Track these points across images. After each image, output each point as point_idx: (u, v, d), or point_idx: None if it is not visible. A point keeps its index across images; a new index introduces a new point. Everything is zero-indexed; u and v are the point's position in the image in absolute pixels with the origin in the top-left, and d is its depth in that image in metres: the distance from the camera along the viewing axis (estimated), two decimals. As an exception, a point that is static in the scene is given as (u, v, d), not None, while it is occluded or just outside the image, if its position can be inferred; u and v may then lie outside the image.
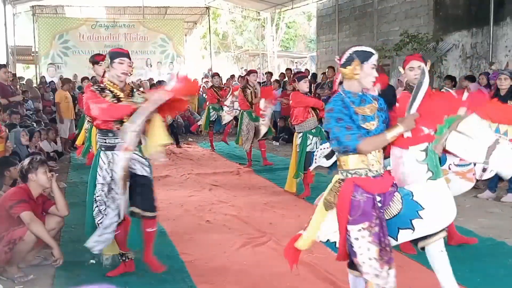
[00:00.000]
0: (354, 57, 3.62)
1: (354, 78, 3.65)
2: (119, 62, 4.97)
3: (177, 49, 26.54)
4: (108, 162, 4.99)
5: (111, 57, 4.99)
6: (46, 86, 18.83)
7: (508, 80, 8.05)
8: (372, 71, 3.65)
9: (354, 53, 3.65)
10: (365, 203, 3.55)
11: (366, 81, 3.66)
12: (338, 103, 3.63)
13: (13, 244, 5.04)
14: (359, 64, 3.61)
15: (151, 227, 5.22)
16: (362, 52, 3.66)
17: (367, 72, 3.63)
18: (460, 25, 15.27)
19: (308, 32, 39.51)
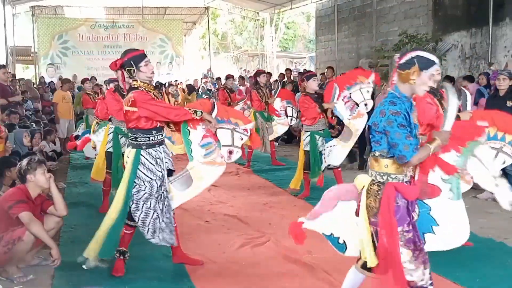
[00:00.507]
0: (414, 62, 3.54)
1: (408, 83, 3.57)
2: (145, 65, 5.00)
3: (176, 50, 26.57)
4: (155, 160, 5.05)
5: (135, 62, 4.97)
6: (45, 86, 18.83)
7: (507, 80, 8.05)
8: (429, 81, 3.56)
9: (416, 57, 3.57)
10: (403, 208, 3.57)
11: (420, 89, 3.57)
12: (403, 108, 3.54)
13: (12, 244, 5.04)
14: (418, 70, 3.53)
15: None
16: (425, 59, 3.57)
17: (423, 81, 3.54)
18: (459, 26, 15.27)
19: (307, 33, 39.51)
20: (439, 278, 4.99)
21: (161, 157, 5.10)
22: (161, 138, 5.14)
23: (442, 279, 4.97)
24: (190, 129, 5.21)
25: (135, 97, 4.91)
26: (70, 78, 20.97)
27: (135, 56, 5.01)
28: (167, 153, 5.24)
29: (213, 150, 5.23)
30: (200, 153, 5.22)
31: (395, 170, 3.58)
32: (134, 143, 5.07)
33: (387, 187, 3.57)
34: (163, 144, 5.19)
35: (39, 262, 5.52)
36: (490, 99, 8.67)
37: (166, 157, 5.18)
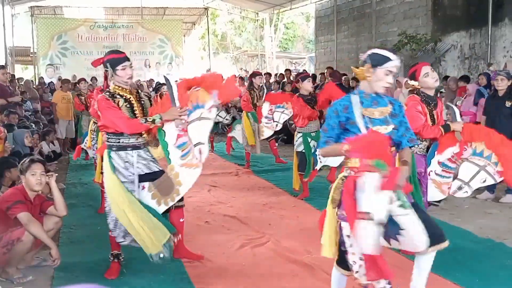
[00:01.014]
0: (368, 60, 3.66)
1: (365, 80, 3.71)
2: (122, 69, 4.91)
3: (176, 50, 26.56)
4: (124, 163, 4.98)
5: (112, 65, 4.91)
6: (45, 87, 18.82)
7: (505, 80, 8.06)
8: (386, 76, 3.64)
9: (370, 55, 3.68)
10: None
11: (377, 85, 3.67)
12: (339, 104, 3.73)
13: (11, 245, 5.03)
14: (371, 67, 3.63)
15: (181, 216, 5.37)
16: (378, 56, 3.65)
17: (379, 77, 3.64)
18: (459, 26, 15.29)
19: (306, 33, 39.50)
20: (439, 278, 5.00)
21: (132, 161, 5.00)
22: (134, 142, 5.02)
23: (441, 280, 4.97)
24: (165, 130, 5.05)
25: (97, 101, 4.95)
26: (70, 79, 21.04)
27: (114, 58, 4.96)
28: (143, 157, 5.09)
29: (189, 151, 4.98)
30: (177, 155, 5.00)
31: (355, 164, 3.59)
32: (107, 143, 5.07)
33: (347, 181, 3.63)
34: (139, 149, 5.07)
35: (38, 263, 5.52)
36: (489, 100, 8.68)
37: (140, 161, 5.05)
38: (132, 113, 4.98)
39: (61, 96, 14.29)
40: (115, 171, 4.94)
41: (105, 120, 4.90)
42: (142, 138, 5.07)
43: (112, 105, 4.86)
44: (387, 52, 3.68)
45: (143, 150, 5.11)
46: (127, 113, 4.94)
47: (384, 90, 3.69)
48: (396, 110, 3.77)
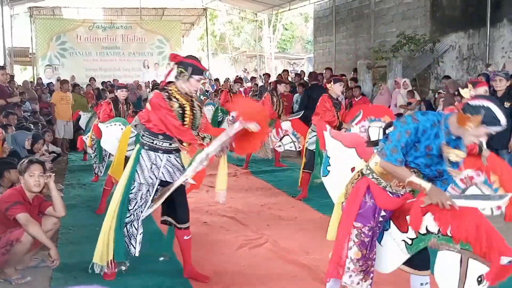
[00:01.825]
0: (482, 113, 3.30)
1: (461, 126, 3.39)
2: (197, 80, 4.88)
3: (174, 51, 26.52)
4: (151, 164, 4.95)
5: (194, 71, 4.82)
6: (44, 87, 18.81)
7: (503, 81, 8.07)
8: (483, 136, 3.42)
9: (487, 110, 3.31)
10: (369, 207, 3.58)
11: (469, 138, 3.42)
12: (427, 124, 3.45)
13: (10, 246, 5.04)
14: (479, 122, 3.31)
15: (187, 234, 5.17)
16: (492, 117, 3.31)
17: (477, 133, 3.37)
18: (457, 27, 15.30)
19: (305, 34, 39.50)
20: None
21: (159, 164, 4.97)
22: (168, 146, 4.98)
23: (439, 280, 4.98)
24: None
25: (153, 97, 4.88)
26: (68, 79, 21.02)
27: (198, 66, 4.88)
28: (172, 163, 5.05)
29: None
30: (193, 169, 4.96)
31: (379, 172, 3.60)
32: (140, 140, 5.05)
33: (362, 180, 3.64)
34: (170, 153, 5.03)
35: (37, 263, 5.52)
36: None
37: (167, 166, 5.02)
38: (182, 120, 4.88)
39: (59, 97, 14.30)
40: (136, 169, 4.94)
41: (154, 117, 4.86)
42: (175, 143, 5.00)
43: (167, 107, 4.79)
44: (501, 113, 3.32)
45: (174, 155, 5.06)
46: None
47: (470, 143, 3.52)
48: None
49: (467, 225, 3.32)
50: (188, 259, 5.25)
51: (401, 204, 3.61)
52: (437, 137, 3.44)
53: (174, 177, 5.03)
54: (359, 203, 3.60)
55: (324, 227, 5.97)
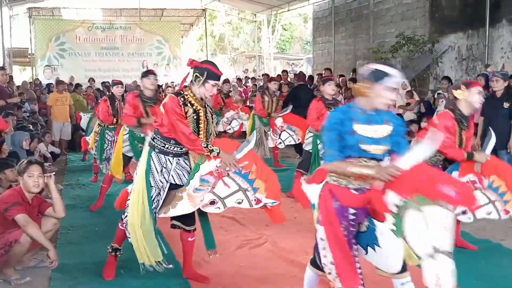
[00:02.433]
0: (367, 75, 3.52)
1: (363, 96, 3.55)
2: (213, 85, 4.82)
3: (174, 51, 26.56)
4: (162, 168, 4.90)
5: (209, 76, 4.76)
6: (43, 88, 18.81)
7: (500, 81, 8.09)
8: (386, 93, 3.47)
9: (371, 70, 3.53)
10: (336, 209, 3.57)
11: (377, 102, 3.51)
12: (336, 115, 3.59)
13: (9, 246, 5.03)
14: (372, 83, 3.48)
15: (191, 236, 5.17)
16: (378, 72, 3.49)
17: (378, 93, 3.48)
18: (456, 27, 15.30)
19: (304, 34, 39.52)
20: (436, 279, 5.01)
21: (170, 167, 4.93)
22: (179, 150, 4.93)
23: (439, 280, 4.98)
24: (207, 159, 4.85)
25: (167, 100, 4.82)
26: (67, 80, 21.01)
27: (213, 71, 4.82)
28: (181, 166, 5.00)
29: (204, 190, 4.78)
30: (195, 184, 4.80)
31: (336, 173, 3.61)
32: (151, 142, 4.99)
33: (324, 187, 3.68)
34: (181, 157, 4.99)
35: (36, 264, 5.52)
36: (487, 101, 8.69)
37: (177, 169, 4.96)
38: (197, 126, 4.85)
39: (55, 98, 14.25)
40: (149, 174, 4.89)
41: (167, 122, 4.79)
42: (186, 148, 4.92)
43: (181, 114, 4.74)
44: (388, 67, 3.51)
45: (183, 158, 5.01)
46: (191, 124, 4.81)
47: (385, 107, 3.55)
48: (394, 129, 3.61)
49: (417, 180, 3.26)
50: (189, 260, 5.26)
51: (368, 199, 3.57)
52: (353, 119, 3.55)
53: (183, 179, 4.96)
54: (331, 208, 3.59)
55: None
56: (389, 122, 3.61)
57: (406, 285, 3.70)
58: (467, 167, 5.48)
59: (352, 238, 3.62)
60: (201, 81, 4.76)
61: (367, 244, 3.69)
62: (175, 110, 4.73)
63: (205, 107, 4.94)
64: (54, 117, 14.12)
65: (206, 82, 4.76)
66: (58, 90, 14.57)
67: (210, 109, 5.05)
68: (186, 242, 5.18)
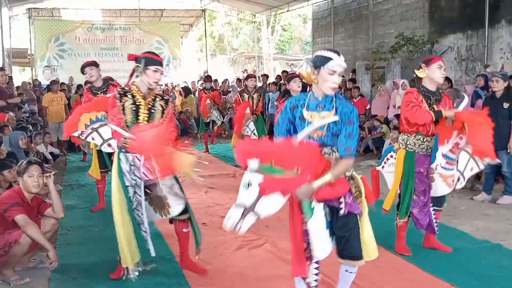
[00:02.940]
0: (311, 62, 3.68)
1: (313, 83, 3.69)
2: (154, 70, 4.84)
3: (173, 52, 26.55)
4: (131, 166, 4.89)
5: (147, 63, 4.83)
6: (42, 89, 18.80)
7: (500, 81, 8.08)
8: (330, 76, 3.60)
9: (313, 58, 3.71)
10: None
11: (324, 86, 3.64)
12: (290, 102, 3.82)
13: (8, 247, 5.03)
14: (315, 68, 3.63)
15: (186, 227, 5.22)
16: (320, 57, 3.65)
17: (323, 78, 3.62)
18: (455, 28, 15.32)
19: (303, 35, 39.53)
20: (435, 279, 5.01)
21: (139, 164, 4.90)
22: None
23: (438, 281, 4.98)
24: None
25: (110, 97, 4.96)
26: (67, 81, 21.01)
27: (151, 58, 4.92)
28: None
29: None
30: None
31: None
32: (118, 144, 5.02)
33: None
34: None
35: (35, 265, 5.51)
36: (486, 101, 8.69)
37: (146, 165, 4.88)
38: (135, 118, 4.86)
39: (50, 99, 14.25)
40: (122, 174, 4.89)
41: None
42: None
43: (113, 105, 4.84)
44: (329, 52, 3.65)
45: None
46: (130, 116, 4.85)
47: (331, 91, 3.64)
48: (342, 116, 3.66)
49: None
50: (185, 251, 5.32)
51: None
52: (304, 106, 3.73)
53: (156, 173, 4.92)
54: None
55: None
56: (337, 109, 3.69)
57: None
58: (444, 132, 5.48)
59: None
60: (141, 70, 4.83)
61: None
62: (112, 102, 4.88)
63: (152, 101, 4.96)
64: (49, 118, 14.12)
65: (147, 69, 4.82)
66: (53, 90, 14.57)
67: (163, 103, 5.02)
68: (181, 233, 5.23)
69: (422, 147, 5.50)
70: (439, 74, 5.45)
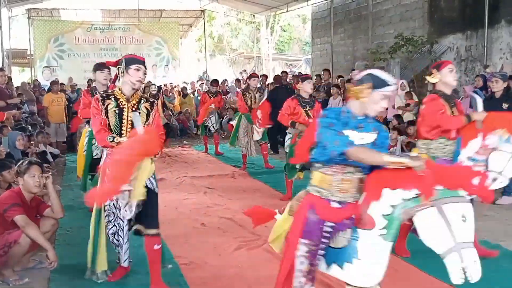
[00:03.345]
0: (368, 79, 3.46)
1: (358, 99, 3.50)
2: (135, 69, 4.72)
3: (172, 52, 26.55)
4: None
5: (127, 63, 4.72)
6: (41, 89, 18.80)
7: (499, 82, 8.07)
8: (381, 101, 3.47)
9: (369, 76, 3.49)
10: (313, 223, 3.55)
11: (371, 108, 3.49)
12: (333, 112, 3.54)
13: (8, 247, 5.04)
14: (371, 88, 3.44)
15: (157, 243, 4.85)
16: (377, 79, 3.46)
17: (374, 99, 3.46)
18: (455, 28, 15.32)
19: (303, 35, 39.54)
20: (435, 280, 5.02)
21: None
22: None
23: (437, 282, 4.98)
24: None
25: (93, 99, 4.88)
26: (66, 81, 21.00)
27: (132, 58, 4.83)
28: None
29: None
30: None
31: (318, 183, 3.57)
32: (105, 149, 4.89)
33: (305, 197, 3.65)
34: None
35: (35, 265, 5.52)
36: (486, 101, 8.68)
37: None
38: (119, 121, 4.75)
39: (51, 99, 14.24)
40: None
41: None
42: None
43: (97, 108, 4.75)
44: (386, 75, 3.51)
45: None
46: (113, 118, 4.73)
47: (377, 114, 3.57)
48: (380, 139, 3.61)
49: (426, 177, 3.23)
50: (157, 274, 4.92)
51: (349, 214, 3.52)
52: (346, 125, 3.49)
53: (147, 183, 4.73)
54: (303, 221, 3.58)
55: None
56: (375, 131, 3.59)
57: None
58: (468, 134, 5.39)
59: (319, 250, 3.60)
60: (123, 69, 4.72)
61: (343, 260, 3.57)
62: (93, 105, 4.79)
63: (137, 103, 4.83)
64: (50, 118, 14.11)
65: (128, 68, 4.71)
66: (53, 91, 14.56)
67: (150, 105, 4.89)
68: (152, 251, 4.84)
69: (444, 151, 5.46)
70: (451, 77, 5.45)
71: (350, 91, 3.54)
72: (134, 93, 4.85)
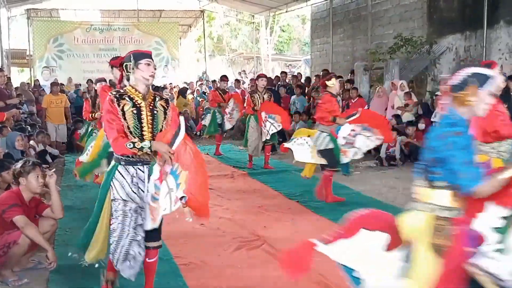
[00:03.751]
0: (473, 80, 3.13)
1: (466, 106, 3.16)
2: (146, 64, 4.44)
3: (172, 52, 26.54)
4: (132, 177, 4.42)
5: (136, 58, 4.42)
6: (41, 89, 18.81)
7: (499, 82, 8.11)
8: (490, 98, 3.16)
9: (473, 74, 3.15)
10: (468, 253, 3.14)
11: (479, 108, 3.16)
12: (465, 127, 3.11)
13: (7, 248, 5.04)
14: (476, 88, 3.12)
15: (153, 256, 4.62)
16: (482, 76, 3.15)
17: (483, 99, 3.13)
18: (454, 28, 15.31)
19: (302, 35, 39.54)
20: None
21: (143, 177, 4.44)
22: (145, 156, 4.42)
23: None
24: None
25: (105, 101, 4.45)
26: (66, 81, 21.00)
27: (139, 53, 4.54)
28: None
29: (158, 199, 4.25)
30: (151, 191, 4.36)
31: (451, 204, 3.19)
32: (115, 155, 4.51)
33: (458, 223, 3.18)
34: (149, 164, 4.45)
35: (34, 265, 5.53)
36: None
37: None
38: (139, 122, 4.40)
39: (50, 100, 14.22)
40: (110, 186, 4.46)
41: (104, 126, 4.52)
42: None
43: (113, 111, 4.34)
44: (487, 69, 3.20)
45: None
46: (132, 120, 4.37)
47: (485, 114, 3.21)
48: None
49: None
50: (150, 283, 4.76)
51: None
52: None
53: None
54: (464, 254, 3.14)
55: (321, 229, 6.00)
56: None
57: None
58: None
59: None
60: (133, 66, 4.42)
61: None
62: (108, 108, 4.38)
63: (153, 101, 4.54)
64: (49, 119, 14.09)
65: (138, 63, 4.42)
66: (53, 92, 14.54)
67: (164, 103, 4.63)
68: (147, 263, 4.59)
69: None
70: (499, 79, 5.28)
71: (457, 100, 3.18)
72: (149, 91, 4.56)
